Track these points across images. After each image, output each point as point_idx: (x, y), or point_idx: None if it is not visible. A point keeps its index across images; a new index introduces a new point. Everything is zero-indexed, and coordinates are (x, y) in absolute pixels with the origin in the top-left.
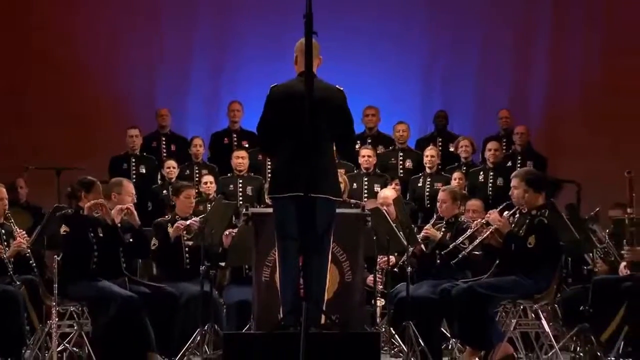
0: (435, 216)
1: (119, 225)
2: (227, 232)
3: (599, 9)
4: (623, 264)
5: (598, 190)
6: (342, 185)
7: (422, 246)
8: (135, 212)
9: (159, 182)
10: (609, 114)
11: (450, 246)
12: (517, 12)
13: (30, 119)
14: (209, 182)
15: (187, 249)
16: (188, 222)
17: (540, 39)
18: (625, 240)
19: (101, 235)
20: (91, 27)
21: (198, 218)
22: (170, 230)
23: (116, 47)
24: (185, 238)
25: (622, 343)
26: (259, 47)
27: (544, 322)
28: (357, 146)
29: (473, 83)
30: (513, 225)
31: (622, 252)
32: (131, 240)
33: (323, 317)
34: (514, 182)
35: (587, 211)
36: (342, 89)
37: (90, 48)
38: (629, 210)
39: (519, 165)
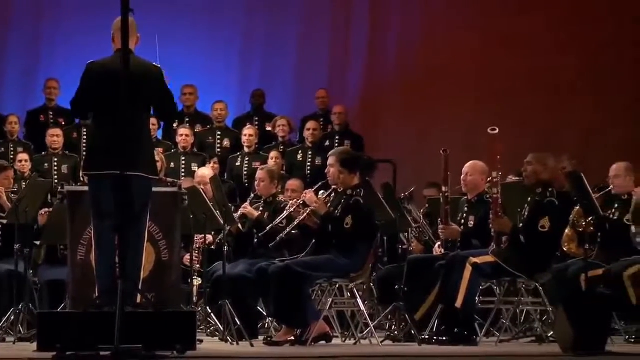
0: (252, 195)
1: None
2: (42, 212)
3: None
4: (438, 243)
5: (413, 170)
6: (158, 165)
7: (239, 225)
8: None
9: None
10: (424, 94)
11: (268, 228)
12: None
13: None
14: (23, 160)
15: None
16: None
17: (358, 19)
18: (439, 219)
19: None
20: None
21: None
22: None
23: None
24: None
25: (436, 321)
26: (76, 24)
27: (359, 300)
28: (174, 125)
29: (291, 62)
30: (329, 204)
31: (437, 231)
32: None
33: (139, 296)
34: (329, 161)
35: (403, 191)
36: (159, 66)
37: None
38: (444, 188)
39: (336, 144)
